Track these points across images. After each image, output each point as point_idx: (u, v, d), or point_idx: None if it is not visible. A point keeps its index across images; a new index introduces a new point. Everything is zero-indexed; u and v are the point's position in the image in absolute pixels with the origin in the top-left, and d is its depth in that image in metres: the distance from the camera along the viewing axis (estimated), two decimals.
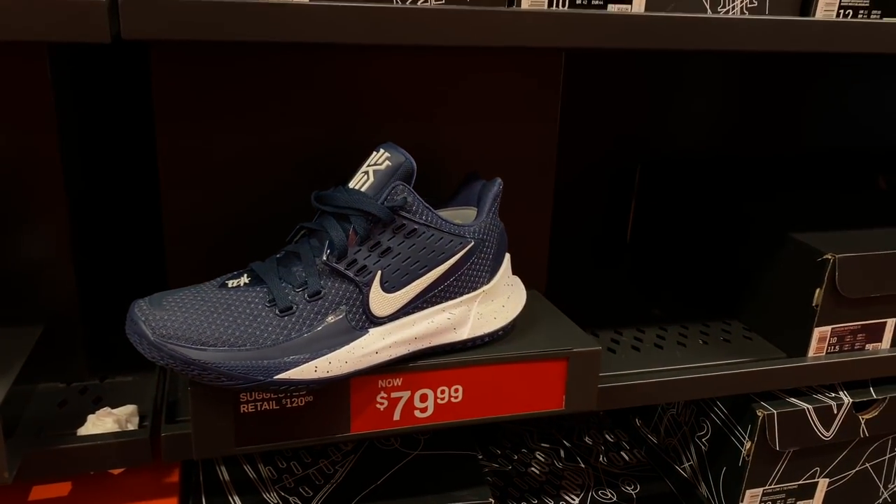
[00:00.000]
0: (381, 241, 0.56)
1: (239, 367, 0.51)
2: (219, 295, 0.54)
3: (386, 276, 0.56)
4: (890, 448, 0.83)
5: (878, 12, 0.63)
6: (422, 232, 0.57)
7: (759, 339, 0.80)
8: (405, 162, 0.56)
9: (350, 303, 0.55)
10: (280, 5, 0.50)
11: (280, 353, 0.52)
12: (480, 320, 0.61)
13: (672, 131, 1.03)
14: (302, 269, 0.55)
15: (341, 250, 0.55)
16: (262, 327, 0.53)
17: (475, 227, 0.59)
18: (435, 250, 0.57)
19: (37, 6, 0.46)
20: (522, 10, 0.55)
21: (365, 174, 0.57)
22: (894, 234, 0.79)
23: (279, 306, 0.54)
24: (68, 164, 0.62)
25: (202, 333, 0.51)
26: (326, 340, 0.54)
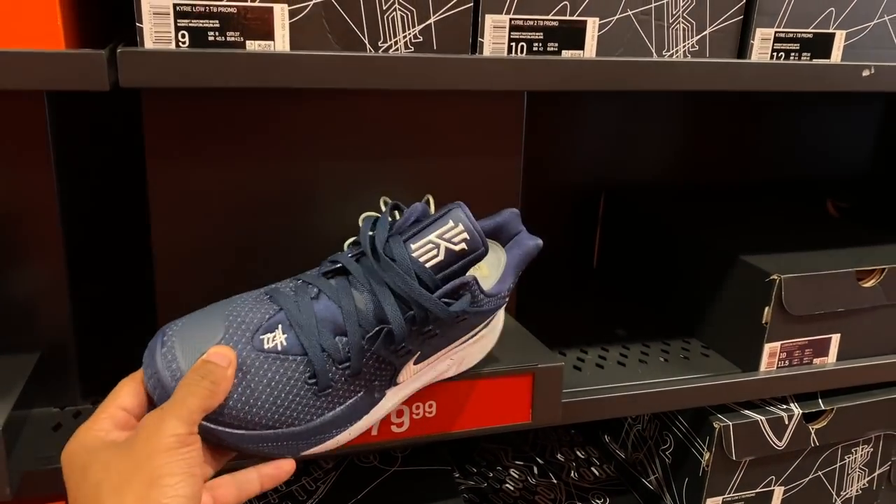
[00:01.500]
0: (432, 329, 0.53)
1: (271, 448, 0.50)
2: (257, 362, 0.50)
3: (421, 355, 0.55)
4: (840, 456, 0.89)
5: (807, 54, 0.69)
6: (468, 317, 0.54)
7: (716, 356, 0.85)
8: (481, 250, 0.52)
9: (382, 378, 0.54)
10: (265, 55, 0.55)
11: (312, 432, 0.52)
12: (467, 360, 0.62)
13: (633, 162, 1.09)
14: (345, 338, 0.51)
15: (398, 340, 0.52)
16: (300, 408, 0.51)
17: (503, 293, 0.57)
18: (470, 327, 0.58)
19: (42, 57, 0.51)
20: (484, 57, 0.60)
21: (435, 248, 0.52)
22: (839, 256, 0.85)
23: (320, 385, 0.51)
24: (64, 200, 0.66)
25: (243, 417, 0.49)
26: (353, 414, 0.53)
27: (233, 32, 0.55)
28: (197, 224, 0.70)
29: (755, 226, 0.95)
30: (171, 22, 0.54)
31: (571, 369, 0.80)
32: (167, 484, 0.41)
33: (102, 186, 0.86)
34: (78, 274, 0.71)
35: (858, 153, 1.21)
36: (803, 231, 0.94)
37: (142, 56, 0.53)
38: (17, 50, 0.50)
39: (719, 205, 1.04)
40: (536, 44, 0.62)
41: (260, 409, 0.49)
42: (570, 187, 1.07)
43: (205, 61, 0.54)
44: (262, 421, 0.50)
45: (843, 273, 0.80)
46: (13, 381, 0.61)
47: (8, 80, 0.51)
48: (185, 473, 0.42)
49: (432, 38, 0.59)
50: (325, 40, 0.57)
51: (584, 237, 1.10)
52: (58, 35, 0.51)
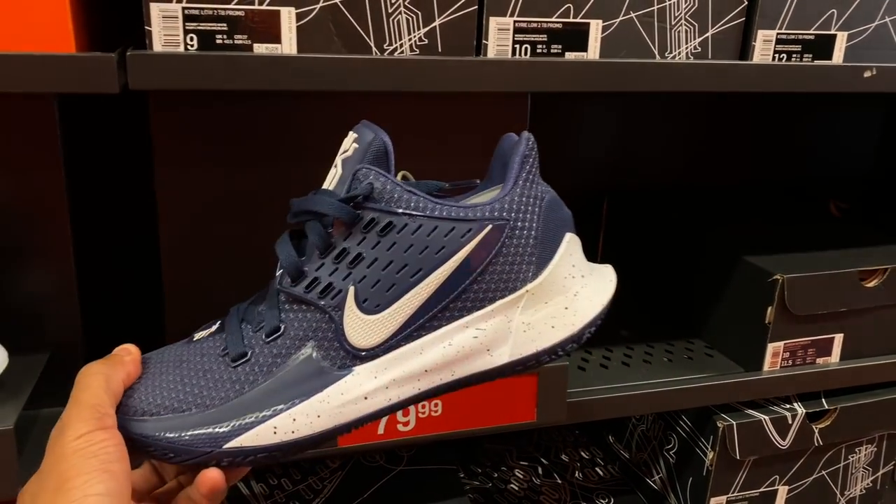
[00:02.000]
0: (348, 247, 0.42)
1: (183, 439, 0.41)
2: (178, 352, 0.44)
3: (363, 293, 0.42)
4: (844, 456, 0.89)
5: (809, 55, 0.70)
6: (402, 224, 0.42)
7: (720, 356, 0.86)
8: (374, 139, 0.43)
9: (320, 336, 0.42)
10: (272, 57, 0.56)
11: (230, 413, 0.41)
12: (528, 333, 0.43)
13: (636, 164, 1.10)
14: (264, 305, 0.44)
15: (292, 269, 0.43)
16: (212, 384, 0.42)
17: (495, 204, 0.43)
18: (429, 247, 0.42)
19: (53, 60, 0.51)
20: (489, 59, 0.61)
21: (335, 167, 0.44)
22: (841, 256, 0.85)
23: (231, 354, 0.42)
24: (73, 202, 0.67)
25: (142, 401, 0.41)
26: (289, 390, 0.41)
27: (240, 35, 0.56)
28: (204, 225, 0.70)
29: (757, 226, 0.96)
30: (180, 25, 0.54)
31: (576, 369, 0.80)
32: (74, 486, 0.35)
33: (111, 188, 0.87)
34: (87, 275, 0.71)
35: (860, 154, 1.21)
36: (806, 231, 0.95)
37: (151, 59, 0.53)
38: (29, 53, 0.51)
39: (721, 206, 1.05)
40: (540, 46, 0.62)
41: (165, 391, 0.42)
42: (572, 190, 1.07)
43: (213, 64, 0.54)
44: (167, 403, 0.41)
45: (846, 273, 0.80)
46: (24, 381, 0.62)
47: (20, 83, 0.51)
48: (98, 470, 0.36)
49: (437, 41, 0.60)
50: (332, 43, 0.58)
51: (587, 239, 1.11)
52: (68, 38, 0.52)
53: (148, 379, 0.43)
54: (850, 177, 1.21)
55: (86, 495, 0.35)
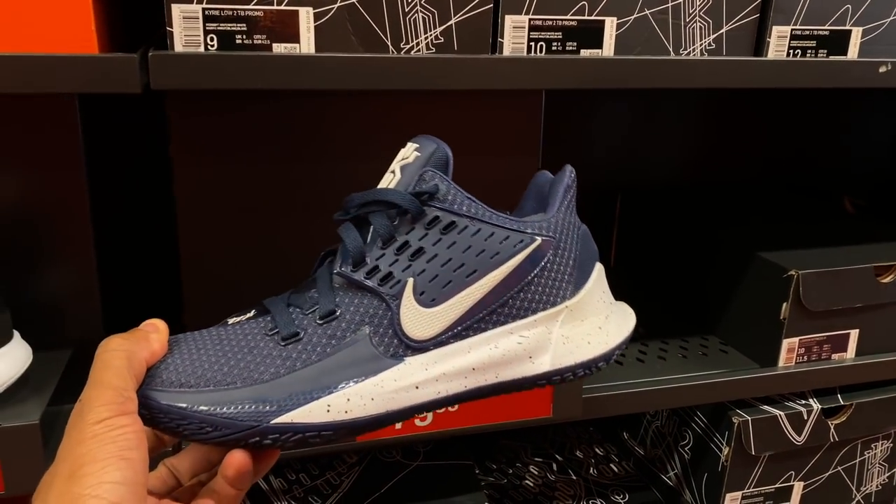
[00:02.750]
0: (410, 240, 0.44)
1: (226, 412, 0.40)
2: (213, 334, 0.43)
3: (420, 285, 0.43)
4: (860, 452, 0.89)
5: (824, 51, 0.70)
6: (463, 226, 0.44)
7: (735, 353, 0.86)
8: (437, 149, 0.46)
9: (375, 322, 0.43)
10: (291, 57, 0.56)
11: (280, 389, 0.41)
12: (567, 345, 0.46)
13: (649, 161, 1.10)
14: (316, 289, 0.44)
15: (357, 255, 0.44)
16: (259, 360, 0.41)
17: (543, 223, 0.46)
18: (485, 250, 0.44)
19: (77, 61, 0.52)
20: (504, 56, 0.61)
21: (392, 173, 0.46)
22: (856, 252, 0.85)
23: (282, 333, 0.42)
24: (95, 201, 0.68)
25: (181, 373, 0.40)
26: (344, 371, 0.42)
27: (259, 35, 0.56)
28: (222, 223, 0.71)
29: (772, 223, 0.96)
30: (200, 26, 0.55)
31: None
32: (88, 472, 0.34)
33: (131, 187, 0.88)
34: (108, 273, 0.72)
35: (875, 150, 1.21)
36: (821, 228, 0.95)
37: (172, 59, 0.54)
38: (52, 54, 0.52)
39: (735, 203, 1.05)
40: (555, 43, 0.63)
41: (203, 365, 0.41)
42: (586, 187, 1.07)
43: (233, 63, 0.55)
44: (208, 375, 0.40)
45: (862, 269, 0.80)
46: (48, 378, 0.63)
47: (43, 84, 0.52)
48: (115, 457, 0.34)
49: (453, 39, 0.60)
50: (349, 42, 0.58)
51: (601, 236, 1.11)
52: (91, 39, 0.53)
53: (183, 352, 0.42)
54: (864, 173, 1.21)
55: (100, 482, 0.34)
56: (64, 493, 0.34)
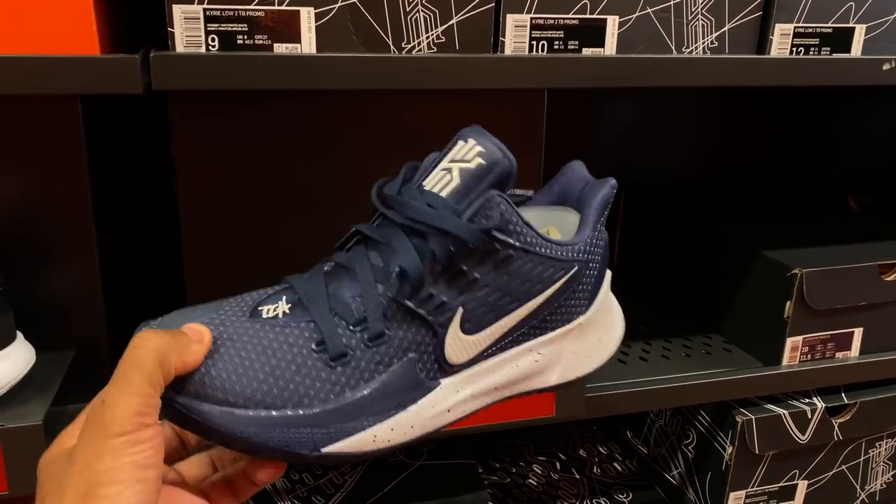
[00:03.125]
0: (467, 269, 0.42)
1: (277, 437, 0.39)
2: (251, 331, 0.41)
3: (468, 315, 0.43)
4: (864, 450, 0.89)
5: (827, 49, 0.70)
6: (518, 259, 0.43)
7: (738, 351, 0.86)
8: (502, 161, 0.43)
9: (420, 349, 0.42)
10: (292, 57, 0.56)
11: (330, 417, 0.40)
12: (573, 360, 0.48)
13: (652, 159, 1.09)
14: (359, 297, 0.42)
15: (416, 283, 0.42)
16: (309, 381, 0.40)
17: (580, 246, 0.46)
18: (531, 280, 0.44)
19: (78, 62, 0.52)
20: (506, 55, 0.61)
21: (447, 172, 0.43)
22: (860, 250, 0.85)
23: (330, 352, 0.41)
24: (97, 201, 0.68)
25: (230, 390, 0.39)
26: (388, 400, 0.41)
27: (261, 35, 0.56)
28: (225, 223, 0.71)
29: (776, 221, 0.95)
30: (202, 26, 0.55)
31: None
32: (105, 495, 0.33)
33: (133, 187, 0.88)
34: (111, 272, 0.73)
35: (879, 148, 1.20)
36: (824, 226, 0.94)
37: (174, 59, 0.54)
38: (54, 55, 0.52)
39: (739, 201, 1.05)
40: (557, 42, 0.63)
41: (252, 382, 0.39)
42: None
43: (234, 64, 0.55)
44: (258, 396, 0.39)
45: (866, 267, 0.80)
46: (51, 378, 0.63)
47: (45, 85, 0.52)
48: (132, 479, 0.34)
49: (454, 39, 0.60)
50: (351, 42, 0.58)
51: None
52: (92, 40, 0.53)
53: (227, 362, 0.40)
54: (868, 171, 1.20)
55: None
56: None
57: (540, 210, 0.50)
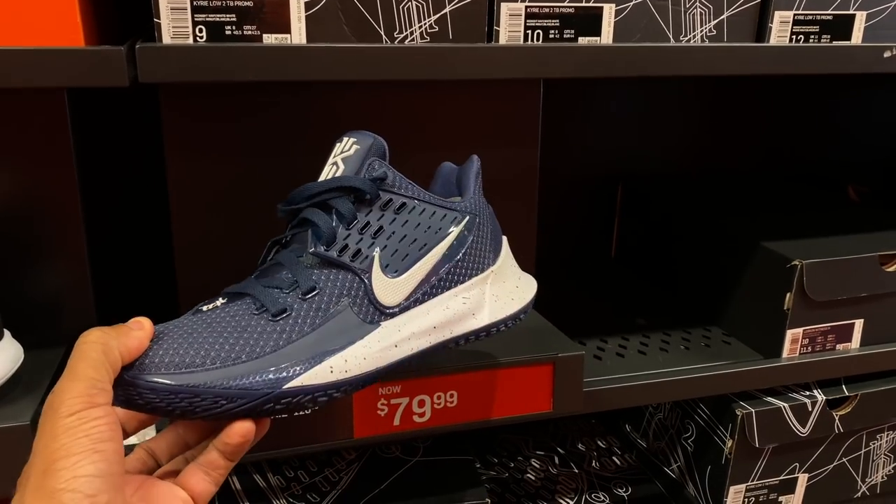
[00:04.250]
0: (371, 220, 0.51)
1: (238, 384, 0.43)
2: (197, 319, 0.46)
3: (385, 259, 0.51)
4: (865, 443, 0.88)
5: (827, 36, 0.68)
6: (412, 206, 0.53)
7: (737, 343, 0.85)
8: (374, 141, 0.52)
9: (353, 294, 0.49)
10: (282, 48, 0.55)
11: (284, 359, 0.45)
12: (498, 302, 0.57)
13: (650, 150, 1.08)
14: (288, 273, 0.49)
15: (329, 235, 0.50)
16: (257, 335, 0.45)
17: (465, 203, 0.56)
18: (431, 226, 0.53)
19: (62, 54, 0.51)
20: (500, 45, 0.60)
21: (333, 166, 0.52)
22: (861, 241, 0.84)
23: (271, 311, 0.47)
24: (86, 196, 0.67)
25: (183, 356, 0.43)
26: (336, 339, 0.48)
27: (249, 26, 0.55)
28: (216, 216, 0.70)
29: (774, 212, 0.94)
30: (189, 17, 0.54)
31: (592, 358, 0.79)
32: (62, 467, 0.35)
33: (123, 181, 0.87)
34: (100, 268, 0.71)
35: (878, 137, 1.19)
36: (824, 216, 0.93)
37: (160, 51, 0.53)
38: (37, 47, 0.51)
39: (738, 191, 1.04)
40: (553, 31, 0.61)
41: (204, 345, 0.44)
42: (586, 177, 1.07)
43: (222, 55, 0.54)
44: (211, 356, 0.44)
45: (866, 258, 0.79)
46: (40, 377, 0.62)
47: (29, 78, 0.51)
48: (88, 451, 0.35)
49: (448, 28, 0.59)
50: (341, 32, 0.57)
51: (602, 227, 1.10)
52: (77, 32, 0.52)
53: (176, 338, 0.44)
54: (867, 161, 1.19)
55: (75, 476, 0.35)
56: (39, 488, 0.35)
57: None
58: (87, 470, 0.35)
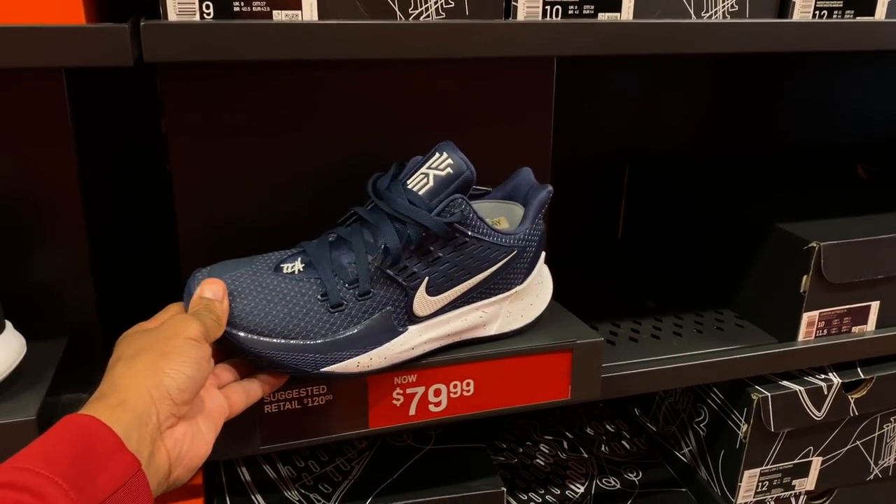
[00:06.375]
0: (433, 250, 0.57)
1: (289, 358, 0.54)
2: (275, 282, 0.56)
3: (431, 282, 0.58)
4: (879, 425, 0.87)
5: (850, 12, 0.66)
6: (472, 244, 0.58)
7: (751, 327, 0.84)
8: (466, 171, 0.57)
9: (395, 304, 0.57)
10: (292, 25, 0.53)
11: (328, 347, 0.55)
12: (509, 318, 0.64)
13: (657, 131, 1.06)
14: (354, 264, 0.57)
15: (395, 257, 0.56)
16: (314, 322, 0.55)
17: (520, 235, 0.61)
18: (481, 259, 0.59)
19: (62, 32, 0.49)
20: (519, 21, 0.58)
21: (425, 176, 0.57)
22: (875, 221, 0.82)
23: (331, 302, 0.56)
24: (85, 183, 0.64)
25: (258, 323, 0.54)
26: (370, 338, 0.56)
27: (259, 2, 0.53)
28: (219, 200, 0.68)
29: (786, 192, 0.93)
30: None
31: (605, 344, 0.78)
32: (175, 360, 0.47)
33: (123, 165, 0.84)
34: (101, 256, 0.69)
35: (885, 114, 1.18)
36: (835, 196, 0.92)
37: (166, 29, 0.50)
38: (36, 25, 0.48)
39: (746, 172, 1.02)
40: (572, 7, 0.59)
41: (274, 318, 0.54)
42: (594, 156, 1.05)
43: (231, 33, 0.51)
44: (277, 329, 0.54)
45: (884, 239, 0.78)
46: (44, 368, 0.60)
47: (27, 58, 0.49)
48: (195, 360, 0.48)
49: (464, 3, 0.57)
50: (354, 8, 0.55)
51: (608, 208, 1.08)
52: (77, 8, 0.49)
53: (257, 301, 0.55)
54: (876, 139, 1.18)
55: (181, 371, 0.47)
56: (152, 363, 0.46)
57: (495, 203, 0.66)
58: (190, 371, 0.47)
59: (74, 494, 0.39)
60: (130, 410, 0.44)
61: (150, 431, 0.45)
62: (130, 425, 0.43)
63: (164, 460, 0.46)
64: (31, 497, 0.38)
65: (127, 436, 0.43)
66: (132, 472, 0.42)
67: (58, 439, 0.42)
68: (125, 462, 0.42)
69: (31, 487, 0.38)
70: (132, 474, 0.42)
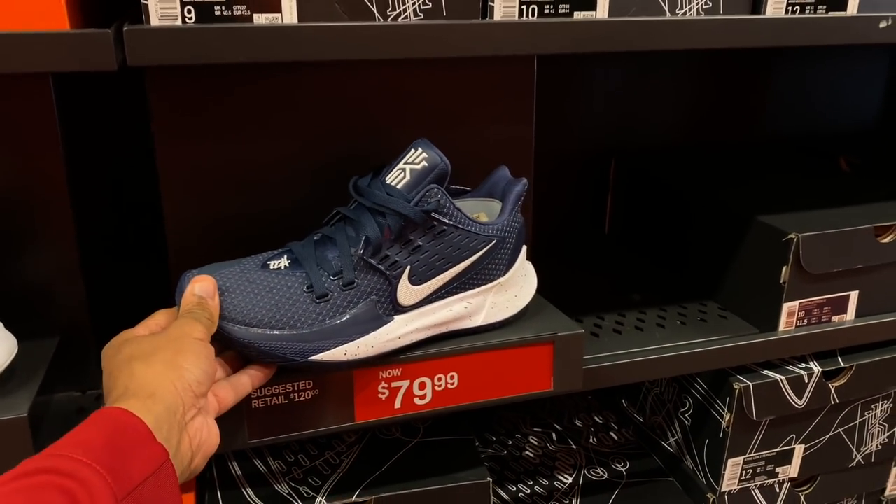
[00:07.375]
0: (413, 239, 0.59)
1: (278, 347, 0.56)
2: (262, 277, 0.58)
3: (414, 271, 0.60)
4: (860, 413, 0.88)
5: (823, 7, 0.68)
6: (450, 232, 0.60)
7: (734, 318, 0.85)
8: (440, 164, 0.59)
9: (380, 293, 0.59)
10: (272, 28, 0.54)
11: (315, 336, 0.57)
12: (494, 309, 0.66)
13: (641, 124, 1.08)
14: (338, 256, 0.59)
15: (376, 246, 0.59)
16: (301, 312, 0.57)
17: (498, 226, 0.63)
18: (461, 248, 0.61)
19: (47, 38, 0.50)
20: (495, 21, 0.59)
21: (402, 171, 0.60)
22: (855, 213, 0.84)
23: (316, 293, 0.58)
24: (73, 183, 0.66)
25: (247, 315, 0.56)
26: (356, 327, 0.58)
27: (239, 6, 0.54)
28: (207, 200, 0.69)
29: (768, 184, 0.94)
30: None
31: (589, 336, 0.79)
32: (190, 356, 0.50)
33: (112, 166, 0.85)
34: (91, 255, 0.70)
35: (868, 107, 1.19)
36: (817, 188, 0.93)
37: (148, 33, 0.52)
38: (21, 31, 0.49)
39: (730, 164, 1.03)
40: (548, 6, 0.60)
41: (262, 310, 0.57)
42: (579, 151, 1.06)
43: (212, 36, 0.53)
44: (265, 320, 0.56)
45: (862, 230, 0.79)
46: (35, 367, 0.61)
47: (13, 63, 0.50)
48: (205, 357, 0.51)
49: (442, 4, 0.58)
50: (333, 10, 0.56)
51: (595, 202, 1.10)
52: (61, 15, 0.50)
53: (245, 294, 0.57)
54: (858, 131, 1.19)
55: (197, 367, 0.50)
56: (170, 360, 0.49)
57: (475, 201, 0.67)
58: (204, 367, 0.50)
59: (111, 480, 0.41)
60: (160, 402, 0.47)
61: (178, 422, 0.47)
62: (161, 416, 0.46)
63: (188, 449, 0.49)
64: (72, 482, 0.40)
65: (157, 426, 0.45)
66: (161, 461, 0.45)
67: (93, 429, 0.44)
68: (155, 451, 0.45)
69: (73, 472, 0.40)
70: (161, 463, 0.45)
